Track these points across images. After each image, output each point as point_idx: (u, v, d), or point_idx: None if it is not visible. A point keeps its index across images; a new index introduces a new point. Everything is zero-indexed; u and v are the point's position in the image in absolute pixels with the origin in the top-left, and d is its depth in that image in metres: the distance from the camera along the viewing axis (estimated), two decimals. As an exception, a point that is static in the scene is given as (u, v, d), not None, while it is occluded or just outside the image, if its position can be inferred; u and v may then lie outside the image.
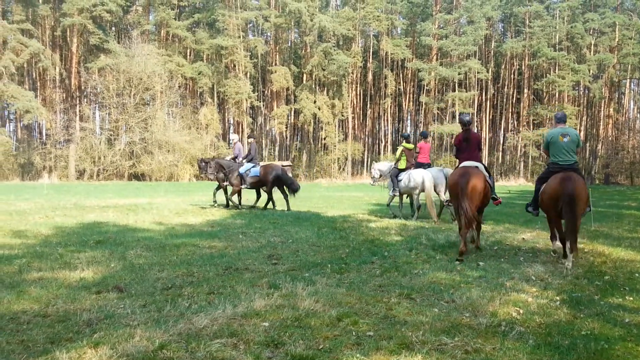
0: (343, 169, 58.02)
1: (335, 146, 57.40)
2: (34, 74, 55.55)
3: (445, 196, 13.11)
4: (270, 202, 16.61)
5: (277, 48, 61.32)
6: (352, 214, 15.06)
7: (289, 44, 65.00)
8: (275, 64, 59.27)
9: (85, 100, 54.69)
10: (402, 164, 14.27)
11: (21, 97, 46.08)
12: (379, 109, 64.87)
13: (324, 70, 56.64)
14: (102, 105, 51.94)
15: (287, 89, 59.05)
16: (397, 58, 61.02)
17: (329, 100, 57.72)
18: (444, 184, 13.55)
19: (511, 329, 4.61)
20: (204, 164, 17.27)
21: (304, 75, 59.76)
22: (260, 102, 59.96)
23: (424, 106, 62.10)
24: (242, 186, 16.39)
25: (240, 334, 4.30)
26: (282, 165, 53.50)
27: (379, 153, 62.51)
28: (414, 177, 13.59)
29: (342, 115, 59.56)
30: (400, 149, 14.51)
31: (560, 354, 4.06)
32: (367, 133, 65.18)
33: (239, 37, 55.92)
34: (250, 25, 61.38)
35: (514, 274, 6.92)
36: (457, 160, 9.39)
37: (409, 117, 67.87)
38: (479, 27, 57.23)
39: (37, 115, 48.01)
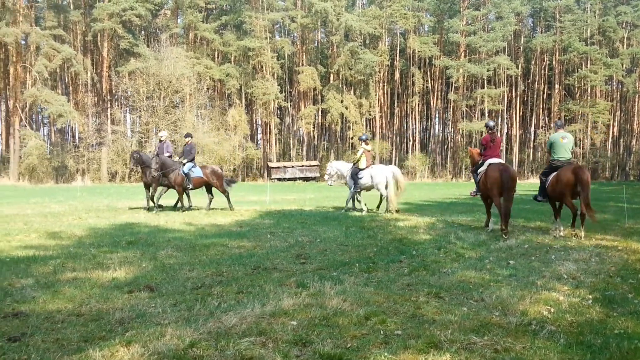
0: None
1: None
2: (66, 78, 56.70)
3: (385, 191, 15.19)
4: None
5: (304, 48, 61.46)
6: (380, 213, 15.01)
7: (316, 44, 65.13)
8: (302, 64, 59.41)
9: (116, 103, 55.63)
10: (362, 164, 15.70)
11: (54, 102, 47.06)
12: (407, 107, 64.57)
13: (350, 69, 56.57)
14: (133, 108, 52.78)
15: (314, 89, 59.15)
16: (425, 56, 60.64)
17: (356, 100, 57.63)
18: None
19: (542, 328, 4.55)
20: (137, 155, 16.16)
21: (331, 75, 59.79)
22: (287, 102, 60.18)
23: (452, 104, 61.66)
24: (189, 186, 15.86)
25: (268, 333, 4.33)
26: (310, 165, 53.04)
27: (407, 152, 62.22)
28: (377, 173, 15.29)
29: (370, 115, 59.44)
30: (360, 150, 15.95)
31: (592, 353, 4.00)
32: (394, 132, 64.91)
33: (266, 38, 56.21)
34: (277, 26, 61.66)
35: (545, 273, 6.83)
36: (483, 156, 11.66)
37: (437, 115, 67.40)
38: (508, 22, 56.51)
39: (70, 119, 48.99)
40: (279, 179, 51.27)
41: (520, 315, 4.92)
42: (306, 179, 52.28)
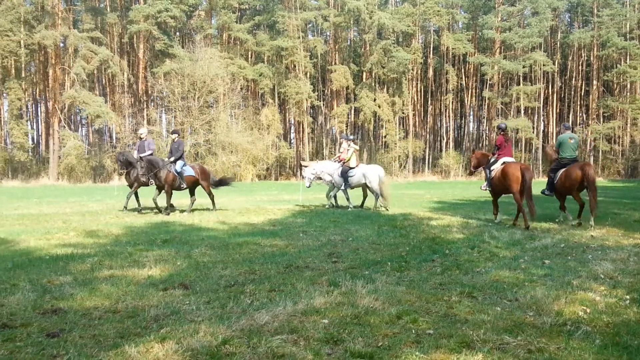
0: (404, 167, 57.52)
1: (395, 144, 57.02)
2: (103, 80, 57.84)
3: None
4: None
5: (337, 47, 61.42)
6: (413, 212, 14.93)
7: (348, 43, 65.04)
8: (335, 63, 59.38)
9: (152, 104, 56.51)
10: (353, 162, 16.31)
11: (92, 103, 48.06)
12: (441, 105, 63.97)
13: (383, 67, 56.33)
14: (168, 108, 53.55)
15: (347, 88, 59.07)
16: (459, 53, 59.97)
17: (389, 98, 57.35)
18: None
19: (577, 329, 4.47)
20: (123, 157, 15.68)
21: (364, 74, 59.63)
22: (320, 101, 60.23)
23: (487, 101, 60.80)
24: (183, 186, 15.15)
25: (300, 331, 4.36)
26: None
27: (441, 150, 61.67)
28: (370, 172, 16.05)
29: (403, 113, 59.07)
30: (351, 149, 16.49)
31: (628, 354, 3.92)
32: (428, 130, 64.39)
33: (299, 37, 56.36)
34: (310, 25, 61.75)
35: (582, 272, 6.70)
36: (497, 155, 12.62)
37: (471, 113, 66.64)
38: (544, 18, 55.47)
39: (107, 120, 49.98)
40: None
41: (555, 315, 4.85)
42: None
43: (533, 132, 57.42)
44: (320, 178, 16.85)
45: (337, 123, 58.05)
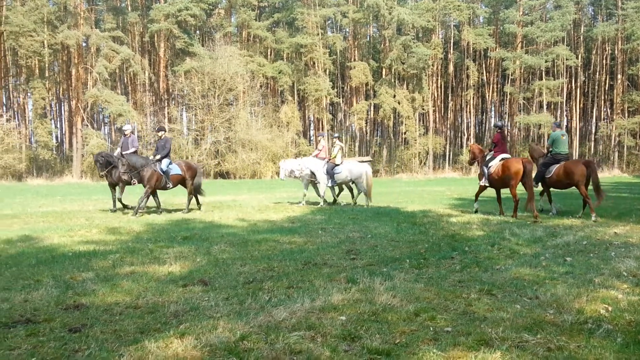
0: (424, 164, 57.21)
1: (415, 140, 56.72)
2: (125, 78, 58.44)
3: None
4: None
5: (356, 43, 61.29)
6: (433, 209, 14.86)
7: (368, 39, 64.85)
8: (354, 60, 59.24)
9: (172, 102, 56.96)
10: (339, 159, 16.61)
11: (114, 101, 48.60)
12: (461, 101, 63.46)
13: (403, 63, 56.04)
14: (189, 106, 53.95)
15: (366, 84, 58.92)
16: (480, 48, 59.44)
17: (408, 94, 57.06)
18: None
19: (598, 327, 4.43)
20: (102, 158, 14.68)
21: (383, 70, 59.39)
22: (339, 98, 60.15)
23: (508, 96, 60.19)
24: (169, 185, 14.44)
25: (317, 327, 4.38)
26: (363, 161, 53.36)
27: (462, 146, 61.20)
28: (355, 169, 16.59)
29: (423, 109, 58.72)
30: (337, 146, 16.80)
31: (650, 353, 3.87)
32: (448, 126, 63.95)
33: (318, 34, 56.32)
34: (329, 22, 61.71)
35: (604, 270, 6.62)
36: (494, 152, 13.30)
37: (492, 108, 65.99)
38: (567, 11, 54.70)
39: (129, 119, 50.45)
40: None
41: (575, 313, 4.80)
42: (359, 175, 52.12)
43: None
44: (293, 174, 17.16)
45: (356, 120, 57.94)
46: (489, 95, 63.34)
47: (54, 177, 46.66)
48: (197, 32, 59.95)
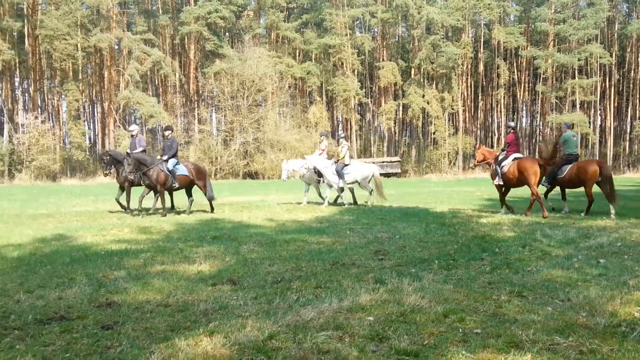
0: (454, 164, 56.71)
1: (445, 140, 56.29)
2: (156, 80, 59.25)
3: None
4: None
5: (384, 43, 61.08)
6: (462, 210, 14.72)
7: (396, 39, 64.57)
8: (383, 60, 59.06)
9: (202, 103, 57.56)
10: (347, 159, 16.65)
11: (145, 103, 49.34)
12: (492, 100, 62.75)
13: (432, 63, 55.67)
14: (218, 107, 54.49)
15: (395, 84, 58.67)
16: (510, 46, 58.67)
17: (438, 94, 56.66)
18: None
19: (632, 330, 4.33)
20: (107, 157, 14.50)
21: (412, 70, 59.08)
22: (368, 98, 60.03)
23: (540, 95, 59.32)
24: (175, 185, 14.15)
25: (345, 327, 4.37)
26: (391, 161, 52.82)
27: (492, 146, 60.47)
28: (364, 169, 16.79)
29: (452, 109, 58.25)
30: (345, 146, 16.81)
31: (686, 358, 3.77)
32: (478, 126, 63.28)
33: (346, 35, 56.30)
34: (357, 22, 61.62)
35: (639, 272, 6.47)
36: (506, 152, 13.60)
37: (524, 108, 65.12)
38: (600, 8, 53.65)
39: (160, 120, 51.17)
40: (360, 175, 51.16)
41: (609, 316, 4.70)
42: (387, 175, 51.98)
43: (589, 127, 55.68)
44: (295, 174, 17.51)
45: (385, 120, 57.75)
46: (520, 95, 62.50)
47: (87, 178, 47.53)
48: (227, 34, 60.47)
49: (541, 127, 61.68)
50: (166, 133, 15.09)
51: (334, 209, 15.49)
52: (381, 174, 53.58)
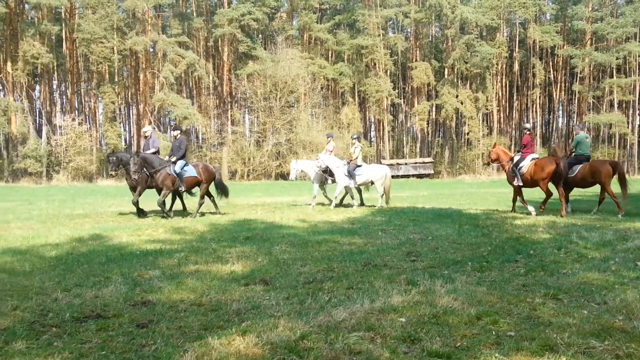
0: (488, 165, 55.98)
1: (479, 141, 55.64)
2: (190, 82, 60.01)
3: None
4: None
5: (418, 43, 60.71)
6: (496, 211, 14.54)
7: (430, 39, 64.13)
8: (416, 60, 58.71)
9: (235, 105, 58.08)
10: (360, 160, 16.70)
11: (180, 105, 50.01)
12: (527, 100, 61.82)
13: (466, 63, 55.12)
14: (251, 109, 54.92)
15: (428, 85, 58.27)
16: (546, 45, 57.69)
17: (471, 94, 56.06)
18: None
19: (671, 335, 4.22)
20: (114, 158, 14.00)
21: (445, 70, 58.59)
22: (400, 99, 59.74)
23: (577, 95, 58.16)
24: (181, 188, 13.81)
25: (377, 328, 4.37)
26: (424, 162, 52.37)
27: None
28: (376, 170, 16.84)
29: (487, 109, 57.56)
30: (359, 147, 16.88)
31: None
32: (513, 126, 62.36)
33: (379, 35, 56.14)
34: (390, 22, 61.40)
35: (678, 275, 6.30)
36: (522, 153, 13.92)
37: (560, 108, 63.93)
38: (640, 6, 52.36)
39: (194, 121, 51.82)
40: (392, 176, 50.91)
41: (647, 320, 4.59)
42: (420, 176, 51.66)
43: (628, 127, 54.36)
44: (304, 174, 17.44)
45: (417, 120, 57.38)
46: (556, 94, 61.40)
47: (123, 179, 48.21)
48: (260, 35, 60.92)
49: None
50: (174, 133, 14.75)
51: (365, 210, 15.46)
52: (414, 175, 53.43)
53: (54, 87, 57.37)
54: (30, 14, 55.24)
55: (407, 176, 51.25)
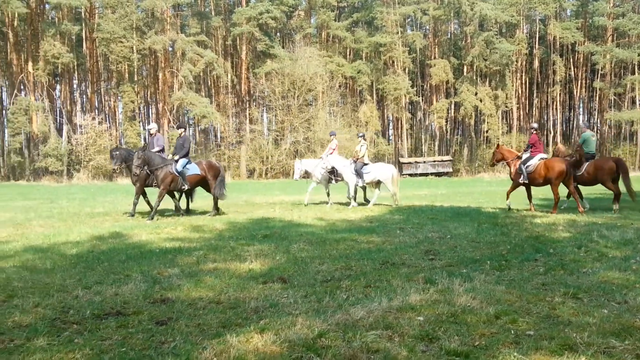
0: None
1: (498, 139, 55.14)
2: (208, 81, 60.34)
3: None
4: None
5: (436, 41, 60.39)
6: (516, 209, 14.42)
7: (449, 36, 63.77)
8: (434, 57, 58.42)
9: (253, 103, 58.28)
10: (367, 159, 16.74)
11: (198, 104, 50.32)
12: (547, 97, 61.19)
13: (485, 60, 54.69)
14: (269, 107, 55.06)
15: (447, 82, 57.94)
16: (567, 42, 57.01)
17: (491, 91, 55.62)
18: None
19: (694, 335, 4.16)
20: (117, 153, 13.90)
21: (464, 67, 58.20)
22: (419, 96, 59.47)
23: (598, 92, 57.41)
24: (184, 187, 13.62)
25: (395, 327, 4.36)
26: (443, 160, 52.05)
27: (547, 144, 58.93)
28: (383, 169, 16.77)
29: (506, 106, 57.09)
30: (364, 146, 16.86)
31: None
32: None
33: (397, 33, 55.94)
34: (409, 19, 61.16)
35: (702, 275, 6.20)
36: (530, 152, 14.07)
37: (580, 105, 63.17)
38: (663, 1, 51.50)
39: (212, 120, 52.08)
40: (411, 175, 50.88)
41: (668, 320, 4.53)
42: (438, 174, 51.41)
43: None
44: (307, 174, 17.50)
45: (436, 118, 57.09)
46: (576, 92, 60.70)
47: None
48: (278, 34, 61.02)
49: (599, 125, 59.69)
50: (179, 131, 14.71)
51: (383, 208, 15.43)
52: (432, 174, 53.14)
53: (74, 86, 58.06)
54: (50, 14, 55.94)
55: (426, 174, 51.04)
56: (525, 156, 14.26)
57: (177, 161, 13.48)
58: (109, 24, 49.53)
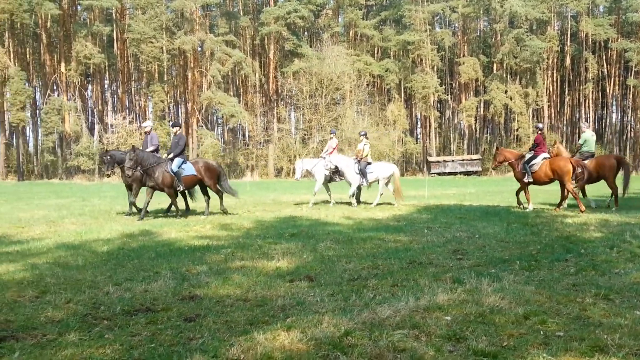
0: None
1: (529, 137, 54.34)
2: (237, 81, 60.74)
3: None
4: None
5: (465, 38, 59.80)
6: (546, 209, 14.22)
7: (478, 33, 63.08)
8: (464, 55, 57.85)
9: (281, 102, 58.49)
10: (370, 158, 16.55)
11: (227, 103, 50.70)
12: (579, 95, 60.10)
13: (515, 57, 53.97)
14: (297, 106, 55.18)
15: (476, 80, 57.32)
16: (599, 39, 55.90)
17: (521, 89, 54.86)
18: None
19: None
20: (108, 157, 13.57)
21: (494, 65, 57.53)
22: (447, 95, 58.99)
23: (632, 89, 56.16)
24: (179, 188, 13.10)
25: (422, 326, 4.34)
26: (472, 159, 51.44)
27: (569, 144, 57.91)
28: (385, 168, 16.70)
29: (537, 105, 56.26)
30: (368, 144, 16.66)
31: None
32: (565, 122, 60.77)
33: (426, 30, 55.55)
34: (437, 17, 60.70)
35: None
36: (534, 151, 14.25)
37: (614, 103, 61.87)
38: (700, -4, 50.17)
39: (240, 119, 52.42)
40: (439, 174, 50.49)
41: (703, 322, 4.42)
42: (467, 173, 50.92)
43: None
44: (310, 173, 17.30)
45: (465, 117, 56.54)
46: (609, 89, 59.49)
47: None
48: (306, 33, 61.12)
49: (632, 123, 58.42)
50: (174, 129, 14.31)
51: (411, 207, 15.35)
52: (461, 172, 52.66)
53: (106, 86, 59.08)
54: (82, 16, 56.99)
55: (454, 173, 50.60)
56: (528, 156, 14.41)
57: (172, 160, 13.06)
58: (139, 24, 50.21)
